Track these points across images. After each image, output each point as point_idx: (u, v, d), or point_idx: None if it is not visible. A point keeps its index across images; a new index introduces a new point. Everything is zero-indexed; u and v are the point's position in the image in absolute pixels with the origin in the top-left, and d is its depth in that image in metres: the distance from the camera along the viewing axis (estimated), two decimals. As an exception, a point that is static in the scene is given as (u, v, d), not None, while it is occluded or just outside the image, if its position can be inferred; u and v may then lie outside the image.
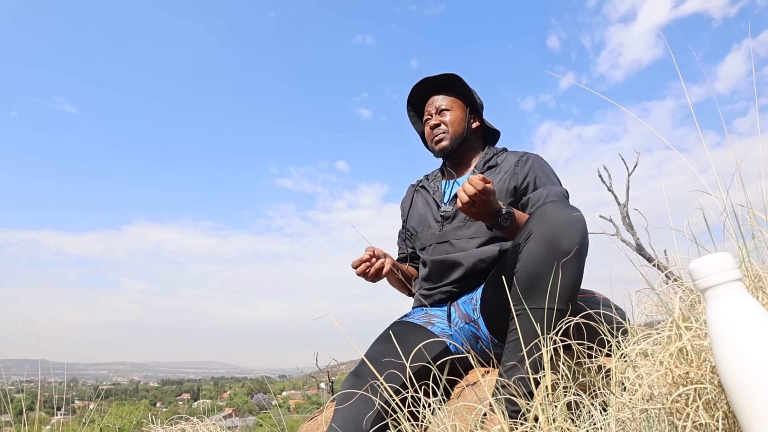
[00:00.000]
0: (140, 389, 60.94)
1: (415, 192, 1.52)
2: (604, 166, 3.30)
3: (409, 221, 1.48)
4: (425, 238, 1.38)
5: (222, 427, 1.61)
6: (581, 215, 1.00)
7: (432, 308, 1.31)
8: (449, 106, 1.40)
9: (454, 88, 1.43)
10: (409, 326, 1.23)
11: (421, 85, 1.44)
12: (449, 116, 1.39)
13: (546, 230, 0.97)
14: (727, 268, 0.54)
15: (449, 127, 1.39)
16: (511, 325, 0.99)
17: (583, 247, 0.98)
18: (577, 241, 0.96)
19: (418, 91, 1.46)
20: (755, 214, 0.72)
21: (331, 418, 1.02)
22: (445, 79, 1.42)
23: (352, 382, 1.05)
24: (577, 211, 1.00)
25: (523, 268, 0.99)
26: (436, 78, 1.41)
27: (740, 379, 0.50)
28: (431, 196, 1.43)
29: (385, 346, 1.15)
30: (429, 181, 1.50)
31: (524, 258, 0.99)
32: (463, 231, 1.29)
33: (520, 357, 0.94)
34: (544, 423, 0.72)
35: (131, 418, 5.03)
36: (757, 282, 0.67)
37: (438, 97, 1.43)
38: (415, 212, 1.46)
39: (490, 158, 1.38)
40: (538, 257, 0.97)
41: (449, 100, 1.41)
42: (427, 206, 1.42)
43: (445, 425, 0.81)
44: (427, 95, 1.47)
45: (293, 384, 62.24)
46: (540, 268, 0.97)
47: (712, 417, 0.60)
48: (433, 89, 1.45)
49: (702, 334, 0.64)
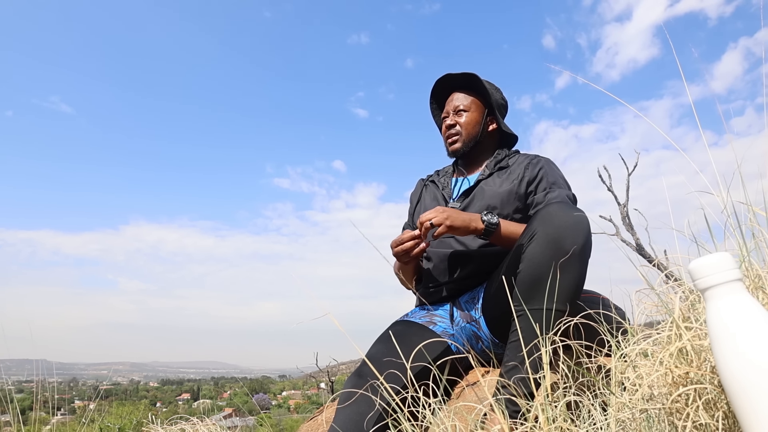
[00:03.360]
0: (140, 389, 60.93)
1: (424, 186, 1.53)
2: (604, 166, 3.30)
3: (416, 214, 1.49)
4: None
5: (222, 427, 1.61)
6: (585, 217, 1.00)
7: (434, 307, 1.31)
8: (467, 107, 1.41)
9: (476, 87, 1.44)
10: (410, 326, 1.23)
11: (444, 80, 1.45)
12: (465, 117, 1.40)
13: (549, 231, 0.97)
14: (727, 268, 0.53)
15: (463, 130, 1.40)
16: (513, 325, 0.99)
17: (587, 248, 0.98)
18: (580, 242, 0.96)
19: (440, 85, 1.47)
20: (756, 212, 0.72)
21: (333, 418, 1.02)
22: (467, 78, 1.42)
23: (354, 382, 1.05)
24: (581, 212, 1.00)
25: (525, 269, 0.99)
26: (458, 75, 1.42)
27: (740, 379, 0.50)
28: (440, 191, 1.43)
29: (386, 346, 1.15)
30: (439, 176, 1.50)
31: (527, 259, 0.99)
32: None
33: (521, 357, 0.94)
34: (544, 423, 0.72)
35: (131, 418, 5.02)
36: (757, 282, 0.67)
37: (459, 95, 1.44)
38: (422, 206, 1.47)
39: (501, 159, 1.38)
40: (541, 258, 0.97)
41: (469, 100, 1.42)
42: (436, 201, 1.43)
43: (445, 425, 0.81)
44: (449, 91, 1.48)
45: (293, 384, 62.26)
46: (543, 269, 0.96)
47: (712, 417, 0.60)
48: (455, 86, 1.46)
49: (702, 334, 0.64)
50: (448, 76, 1.44)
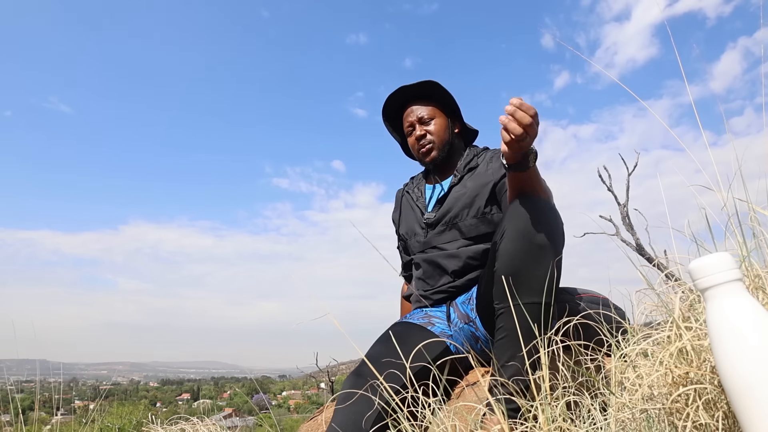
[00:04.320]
0: (140, 389, 60.94)
1: (402, 197, 1.52)
2: (604, 166, 3.30)
3: (400, 228, 1.49)
4: (414, 245, 1.40)
5: (222, 427, 1.61)
6: (552, 206, 1.00)
7: (431, 309, 1.31)
8: (431, 115, 1.37)
9: (431, 95, 1.39)
10: (409, 326, 1.24)
11: (397, 94, 1.40)
12: (433, 125, 1.36)
13: (518, 224, 0.98)
14: (726, 268, 0.53)
15: (435, 137, 1.36)
16: (497, 323, 1.00)
17: (557, 237, 0.98)
18: (551, 232, 0.96)
19: (393, 101, 1.42)
20: (757, 210, 0.72)
21: (331, 417, 1.02)
22: (421, 87, 1.38)
23: (353, 381, 1.05)
24: (549, 203, 1.00)
25: (501, 266, 0.99)
26: (412, 87, 1.37)
27: (740, 379, 0.50)
28: (415, 203, 1.43)
29: (385, 346, 1.15)
30: (413, 185, 1.50)
31: (501, 256, 0.99)
32: (445, 235, 1.31)
33: (508, 355, 0.95)
34: (543, 423, 0.72)
35: (131, 418, 5.03)
36: (757, 282, 0.67)
37: (417, 107, 1.38)
38: (404, 220, 1.47)
39: (471, 160, 1.37)
40: (514, 253, 0.97)
41: (429, 108, 1.37)
42: (413, 213, 1.43)
43: (445, 425, 0.81)
44: (402, 105, 1.43)
45: (293, 384, 62.24)
46: (517, 263, 0.97)
47: (712, 417, 0.60)
48: (409, 98, 1.41)
49: (702, 335, 0.64)
50: (403, 89, 1.38)
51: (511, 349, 0.95)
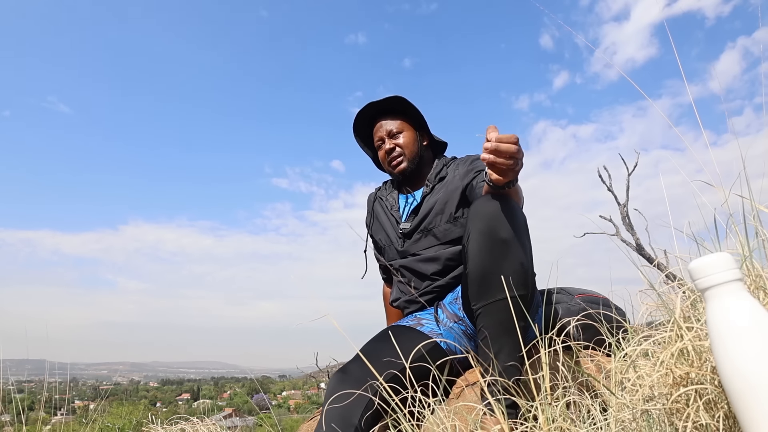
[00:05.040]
0: (140, 389, 60.95)
1: (375, 201, 1.54)
2: (604, 166, 3.29)
3: (375, 235, 1.51)
4: (390, 253, 1.43)
5: (222, 427, 1.61)
6: (511, 200, 1.01)
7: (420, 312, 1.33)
8: (399, 129, 1.41)
9: (399, 110, 1.44)
10: (399, 328, 1.25)
11: (366, 110, 1.45)
12: (402, 139, 1.41)
13: (480, 225, 1.00)
14: (727, 268, 0.53)
15: (405, 149, 1.40)
16: (477, 324, 1.02)
17: (520, 229, 1.00)
18: (512, 226, 0.98)
19: (362, 116, 1.47)
20: (758, 208, 0.72)
21: (321, 416, 1.03)
22: (389, 102, 1.42)
23: (339, 378, 1.07)
24: (506, 198, 1.01)
25: (471, 268, 1.01)
26: (380, 102, 1.42)
27: (741, 380, 0.50)
28: (390, 211, 1.45)
29: (374, 344, 1.18)
30: (386, 191, 1.52)
31: (470, 257, 1.01)
32: (422, 242, 1.34)
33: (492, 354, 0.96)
34: (543, 423, 0.72)
35: (131, 418, 5.03)
36: (758, 281, 0.67)
37: (386, 121, 1.43)
38: (378, 227, 1.49)
39: (440, 170, 1.41)
40: (481, 252, 0.99)
41: (398, 122, 1.42)
42: (387, 221, 1.46)
43: (444, 426, 0.80)
44: (371, 120, 1.48)
45: (293, 384, 62.23)
46: (486, 262, 0.98)
47: (712, 417, 0.59)
48: (378, 113, 1.46)
49: (703, 335, 0.64)
50: (372, 104, 1.43)
51: (492, 348, 0.96)
